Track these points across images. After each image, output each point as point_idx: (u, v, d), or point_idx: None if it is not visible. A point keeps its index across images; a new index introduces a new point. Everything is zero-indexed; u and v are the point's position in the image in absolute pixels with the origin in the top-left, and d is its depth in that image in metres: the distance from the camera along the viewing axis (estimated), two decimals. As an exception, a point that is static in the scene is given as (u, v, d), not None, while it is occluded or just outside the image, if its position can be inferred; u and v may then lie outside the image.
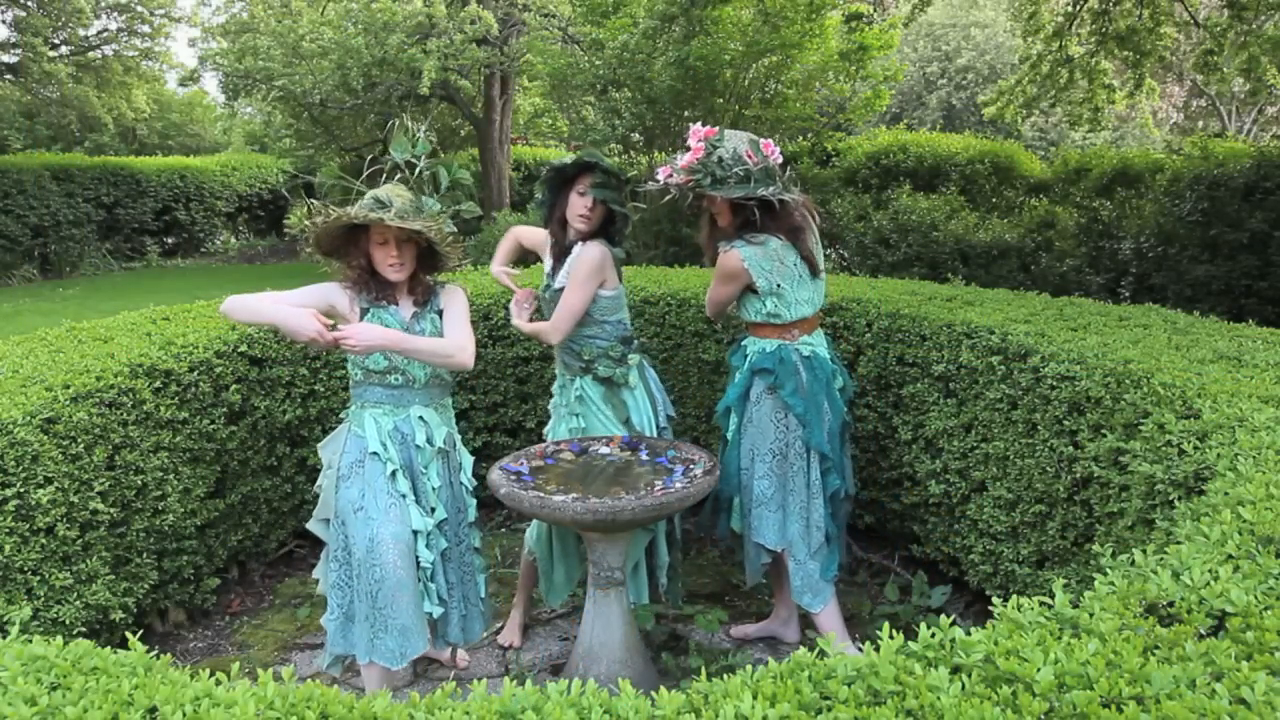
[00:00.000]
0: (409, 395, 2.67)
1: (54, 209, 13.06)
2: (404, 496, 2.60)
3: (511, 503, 2.66)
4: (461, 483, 2.83)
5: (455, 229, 2.66)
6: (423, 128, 2.79)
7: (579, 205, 3.01)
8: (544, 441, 3.18)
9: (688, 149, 2.94)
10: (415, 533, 2.61)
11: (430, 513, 2.67)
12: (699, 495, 2.71)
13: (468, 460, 2.87)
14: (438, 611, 2.68)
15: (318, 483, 2.79)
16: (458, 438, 2.87)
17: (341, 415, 2.84)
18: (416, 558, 2.61)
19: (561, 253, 3.10)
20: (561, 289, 3.04)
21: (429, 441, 2.68)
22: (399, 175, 2.74)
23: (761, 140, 2.98)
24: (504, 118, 12.79)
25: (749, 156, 2.89)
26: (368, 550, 2.53)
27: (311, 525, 2.82)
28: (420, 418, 2.68)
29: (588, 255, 3.02)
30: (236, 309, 2.50)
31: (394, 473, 2.60)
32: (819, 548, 3.09)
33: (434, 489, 2.69)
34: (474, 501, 2.89)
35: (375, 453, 2.60)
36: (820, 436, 3.03)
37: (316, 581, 2.83)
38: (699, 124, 2.99)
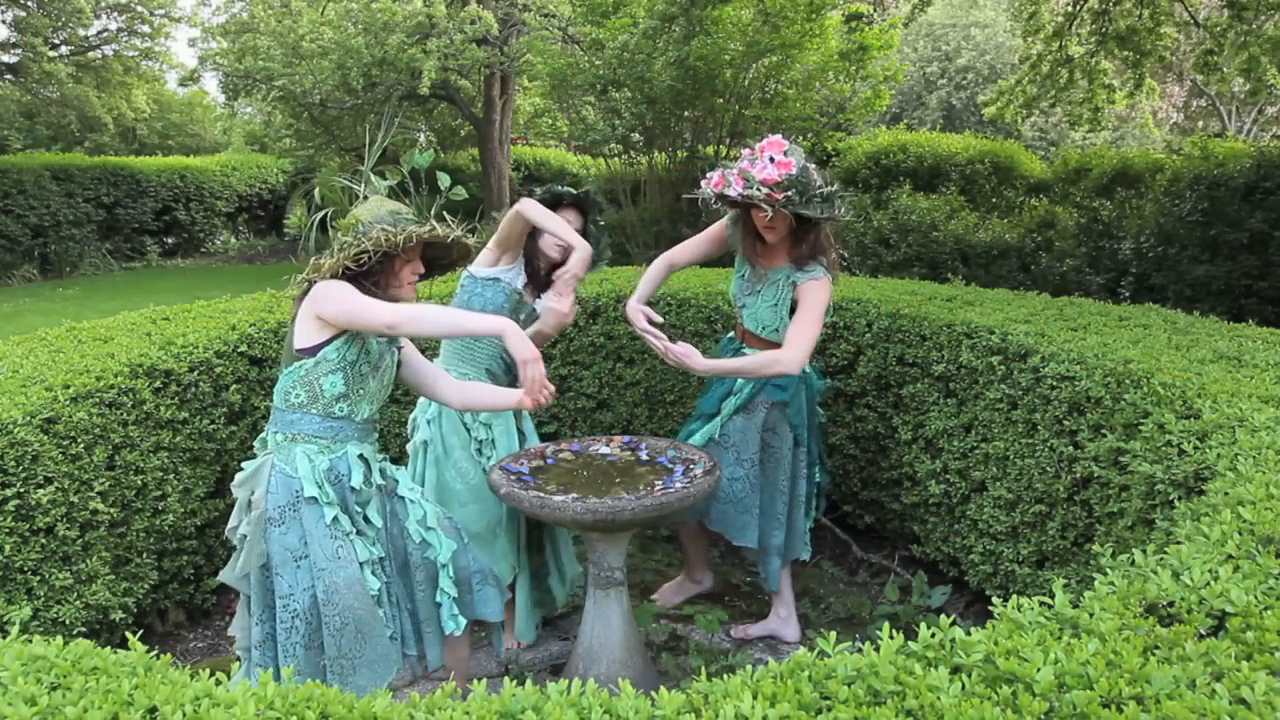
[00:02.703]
0: (347, 430, 2.41)
1: (54, 209, 13.05)
2: (348, 534, 2.38)
3: (512, 503, 2.67)
4: (405, 527, 2.51)
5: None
6: (422, 131, 2.78)
7: None
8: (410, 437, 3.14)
9: (750, 157, 2.89)
10: (362, 564, 2.39)
11: (372, 545, 2.45)
12: (699, 495, 2.71)
13: (404, 476, 2.58)
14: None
15: (231, 525, 2.43)
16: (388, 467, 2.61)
17: (252, 445, 2.45)
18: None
19: (533, 275, 3.11)
20: (534, 311, 3.09)
21: (366, 482, 2.42)
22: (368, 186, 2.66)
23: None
24: (504, 118, 12.78)
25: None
26: (323, 601, 2.31)
27: (231, 578, 2.41)
28: (360, 456, 2.42)
29: (569, 313, 3.03)
30: (440, 321, 2.31)
31: (334, 517, 2.35)
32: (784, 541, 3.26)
33: (376, 528, 2.44)
34: (423, 520, 2.53)
35: (313, 497, 2.33)
36: (814, 446, 3.23)
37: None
38: (778, 135, 2.92)
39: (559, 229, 2.81)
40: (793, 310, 3.03)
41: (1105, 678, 1.19)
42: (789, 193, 2.78)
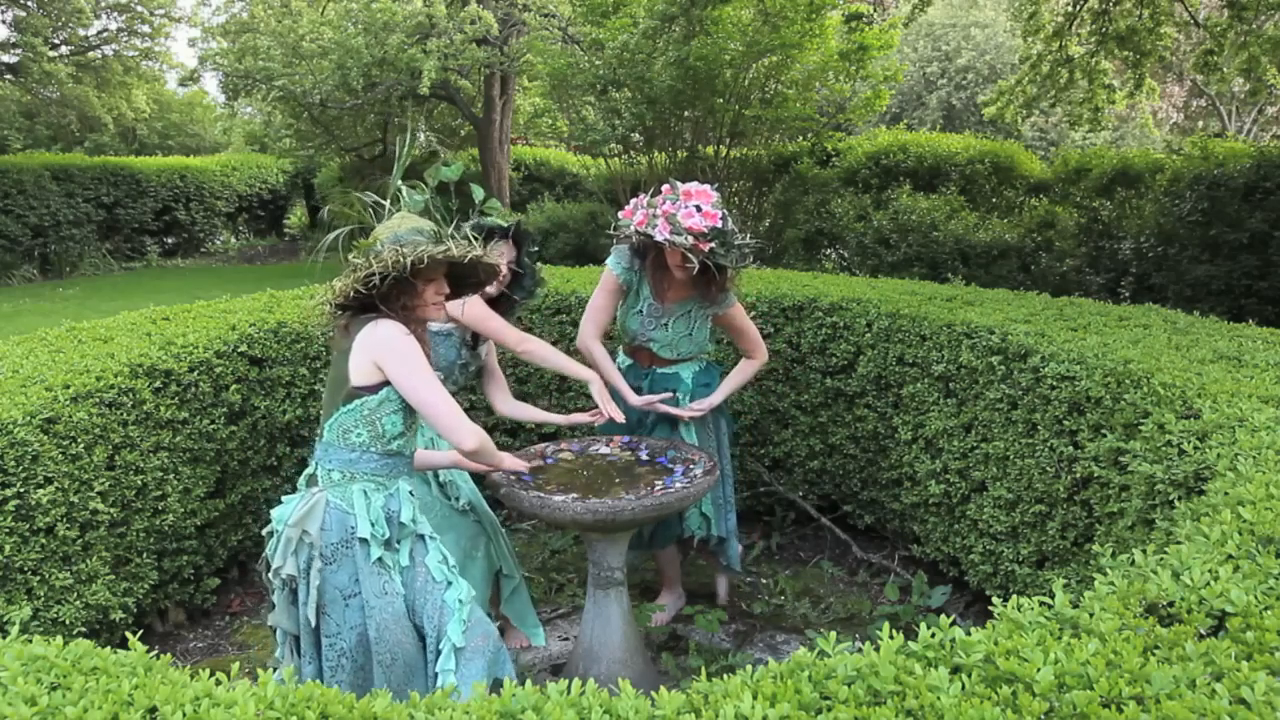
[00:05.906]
0: (400, 465, 2.39)
1: (54, 209, 13.06)
2: (391, 569, 2.34)
3: (511, 502, 2.67)
4: (425, 564, 2.39)
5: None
6: (423, 131, 2.75)
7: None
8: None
9: (671, 196, 2.99)
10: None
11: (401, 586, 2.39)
12: (699, 495, 2.71)
13: (423, 518, 2.46)
14: None
15: (275, 564, 2.33)
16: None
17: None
18: None
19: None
20: (482, 359, 3.11)
21: (413, 519, 2.38)
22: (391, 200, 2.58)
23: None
24: (504, 118, 12.78)
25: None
26: (374, 639, 2.30)
27: (287, 623, 2.36)
28: (411, 492, 2.41)
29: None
30: (488, 455, 2.51)
31: (380, 557, 2.31)
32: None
33: (401, 567, 2.36)
34: (444, 560, 2.43)
35: (365, 538, 2.28)
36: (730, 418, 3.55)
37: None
38: (705, 185, 3.04)
39: (570, 370, 3.05)
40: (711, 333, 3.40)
41: (1105, 678, 1.19)
42: (713, 244, 2.94)
